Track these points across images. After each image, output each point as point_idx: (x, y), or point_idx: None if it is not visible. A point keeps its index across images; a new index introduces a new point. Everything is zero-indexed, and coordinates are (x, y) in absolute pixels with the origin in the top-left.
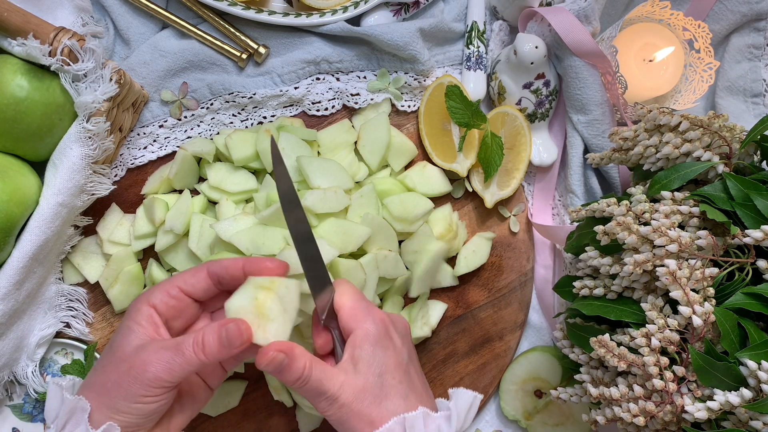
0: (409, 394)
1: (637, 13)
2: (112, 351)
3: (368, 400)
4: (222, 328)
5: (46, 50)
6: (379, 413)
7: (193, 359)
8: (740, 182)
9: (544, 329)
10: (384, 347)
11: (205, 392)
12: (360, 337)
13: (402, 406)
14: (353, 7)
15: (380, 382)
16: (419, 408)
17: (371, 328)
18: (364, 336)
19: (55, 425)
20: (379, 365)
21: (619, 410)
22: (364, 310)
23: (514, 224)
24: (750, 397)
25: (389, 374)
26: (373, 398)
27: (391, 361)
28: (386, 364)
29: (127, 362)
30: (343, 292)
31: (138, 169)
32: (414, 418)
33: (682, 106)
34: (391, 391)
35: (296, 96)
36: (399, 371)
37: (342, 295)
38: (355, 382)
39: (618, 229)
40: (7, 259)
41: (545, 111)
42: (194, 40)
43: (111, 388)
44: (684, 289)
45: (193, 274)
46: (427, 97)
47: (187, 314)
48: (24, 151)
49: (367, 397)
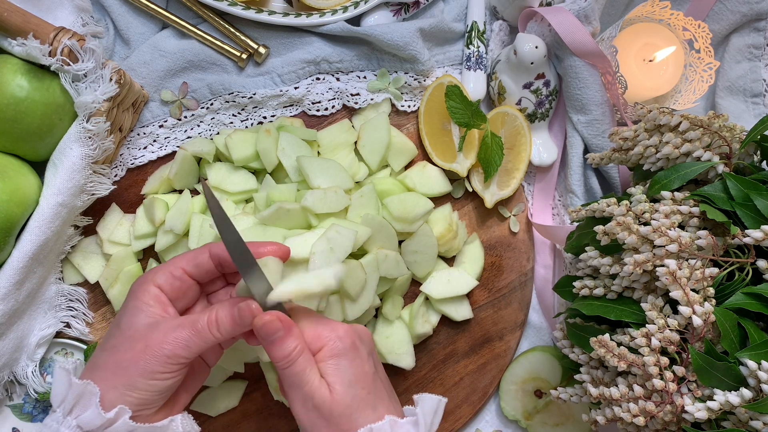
0: (377, 404)
1: (637, 13)
2: (122, 331)
3: (338, 410)
4: (234, 307)
5: (46, 50)
6: (349, 425)
7: (208, 336)
8: (740, 182)
9: (544, 329)
10: (351, 359)
11: (204, 370)
12: (327, 352)
13: (371, 416)
14: (353, 7)
15: (351, 394)
16: (386, 417)
17: (337, 343)
18: (330, 351)
19: (62, 409)
20: (348, 376)
21: (619, 410)
22: (326, 326)
23: (514, 224)
24: (750, 397)
25: (359, 384)
26: (343, 409)
27: (358, 372)
28: (355, 375)
29: (141, 341)
30: (302, 317)
31: (138, 169)
32: (381, 428)
33: (682, 106)
34: (361, 404)
35: (296, 96)
36: (367, 381)
37: (302, 318)
38: (328, 390)
39: (618, 229)
40: (7, 259)
41: (545, 111)
42: (194, 40)
43: (127, 366)
44: (684, 289)
45: (195, 256)
46: (427, 97)
47: (189, 295)
48: (24, 151)
49: (337, 408)
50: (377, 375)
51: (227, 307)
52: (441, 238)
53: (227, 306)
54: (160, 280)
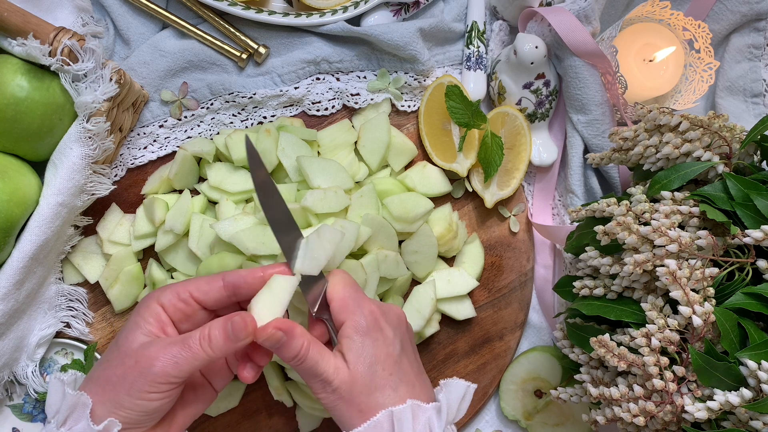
0: (399, 386)
1: (637, 13)
2: (118, 346)
3: (358, 389)
4: (227, 322)
5: (46, 50)
6: (368, 403)
7: (199, 353)
8: (740, 182)
9: (544, 329)
10: (374, 339)
11: (209, 394)
12: (349, 328)
13: (392, 397)
14: (353, 7)
15: (370, 373)
16: (408, 401)
17: (360, 319)
18: (353, 327)
19: (55, 420)
20: (369, 356)
21: (619, 410)
22: (354, 301)
23: (514, 224)
24: (750, 397)
25: (379, 365)
26: (362, 388)
27: (380, 353)
28: (376, 356)
29: (132, 357)
30: (335, 283)
31: (138, 169)
32: (402, 412)
33: (682, 106)
34: (381, 382)
35: (296, 96)
36: (389, 362)
37: (334, 285)
38: (346, 370)
39: (618, 229)
40: (7, 259)
41: (545, 111)
42: (194, 40)
43: (116, 382)
44: (684, 289)
45: (207, 282)
46: (427, 97)
47: (195, 319)
48: (24, 151)
49: (356, 387)
50: (404, 357)
51: (221, 323)
52: (441, 238)
53: (220, 322)
54: (164, 299)
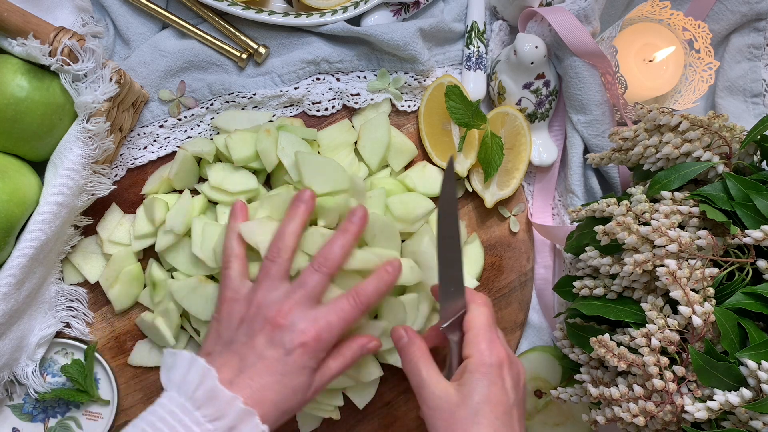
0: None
1: (637, 13)
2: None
3: (459, 417)
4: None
5: (46, 50)
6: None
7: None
8: (740, 182)
9: (544, 329)
10: (490, 382)
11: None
12: (473, 364)
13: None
14: (353, 7)
15: (476, 409)
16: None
17: (486, 359)
18: (477, 364)
19: (218, 425)
20: (481, 394)
21: (619, 410)
22: (487, 341)
23: (514, 224)
24: (750, 397)
25: (488, 406)
26: (462, 419)
27: (494, 396)
28: (488, 396)
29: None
30: (477, 314)
31: (138, 169)
32: None
33: (682, 106)
34: (484, 421)
35: (296, 96)
36: (499, 408)
37: (476, 317)
38: (455, 398)
39: (618, 229)
40: (7, 259)
41: (545, 111)
42: (194, 40)
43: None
44: (684, 289)
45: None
46: (427, 97)
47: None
48: (24, 151)
49: (459, 414)
50: (514, 410)
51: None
52: None
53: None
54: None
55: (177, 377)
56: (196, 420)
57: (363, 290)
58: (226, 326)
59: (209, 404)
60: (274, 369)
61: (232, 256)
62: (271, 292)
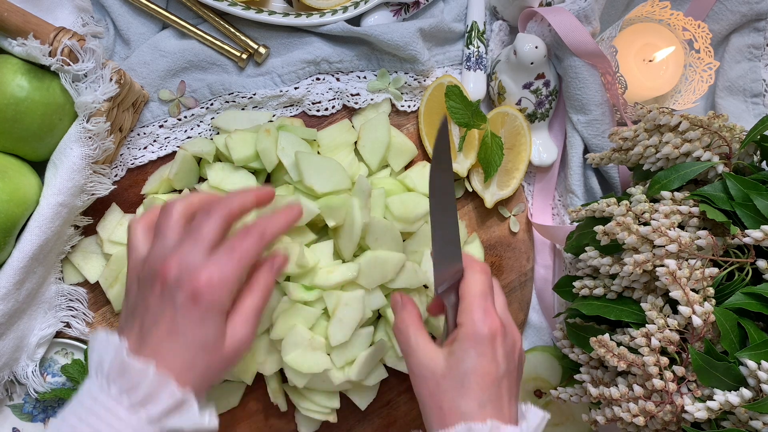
0: (486, 404)
1: (637, 13)
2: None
3: (444, 388)
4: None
5: (46, 50)
6: (450, 406)
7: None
8: (740, 182)
9: (544, 329)
10: (481, 353)
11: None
12: (463, 333)
13: (475, 411)
14: (353, 7)
15: (462, 379)
16: (488, 421)
17: (478, 330)
18: (467, 334)
19: (128, 397)
20: (469, 365)
21: (619, 410)
22: (482, 310)
23: (514, 224)
24: (750, 397)
25: (475, 376)
26: (449, 389)
27: (482, 367)
28: (476, 367)
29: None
30: (473, 282)
31: (138, 169)
32: (480, 429)
33: (682, 106)
34: (470, 393)
35: (296, 96)
36: (487, 379)
37: (471, 284)
38: (441, 365)
39: (618, 229)
40: (7, 259)
41: (545, 111)
42: (194, 40)
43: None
44: (684, 289)
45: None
46: (427, 97)
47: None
48: (24, 151)
49: (444, 385)
50: (504, 381)
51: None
52: None
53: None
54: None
55: (95, 358)
56: (113, 396)
57: (259, 224)
58: (129, 293)
59: (121, 378)
60: (172, 328)
61: (135, 223)
62: (162, 246)
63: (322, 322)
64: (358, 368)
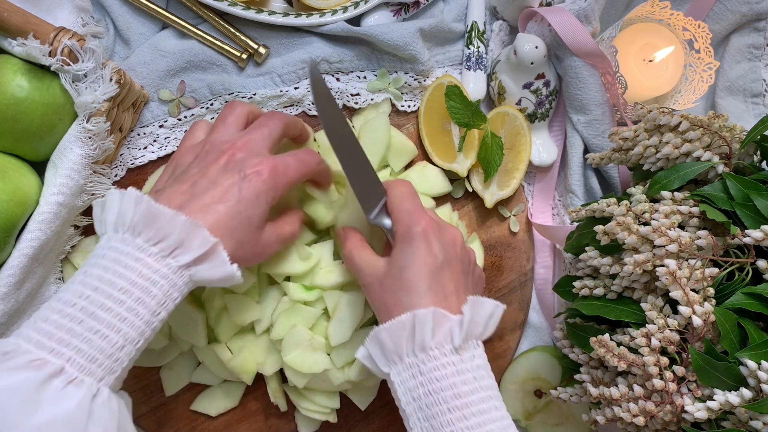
0: (427, 293)
1: (637, 13)
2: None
3: (386, 285)
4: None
5: (46, 50)
6: (393, 301)
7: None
8: (740, 182)
9: (544, 329)
10: (415, 247)
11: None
12: (398, 236)
13: (416, 301)
14: (353, 7)
15: (399, 275)
16: (431, 308)
17: (408, 229)
18: (400, 236)
19: (159, 246)
20: (405, 260)
21: (619, 410)
22: (409, 214)
23: (514, 224)
24: (750, 397)
25: (411, 270)
26: (390, 286)
27: (417, 260)
28: (410, 261)
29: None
30: (396, 194)
31: (138, 169)
32: (424, 315)
33: (682, 106)
34: (409, 285)
35: (296, 96)
36: (423, 270)
37: (395, 197)
38: (381, 269)
39: (618, 229)
40: (7, 259)
41: (545, 111)
42: (194, 40)
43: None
44: (684, 289)
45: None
46: (427, 97)
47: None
48: (24, 151)
49: (386, 283)
50: (444, 270)
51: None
52: None
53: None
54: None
55: (112, 215)
56: (138, 246)
57: (316, 156)
58: (180, 163)
59: (150, 227)
60: (228, 194)
61: (200, 122)
62: (227, 134)
63: (322, 322)
64: (358, 368)
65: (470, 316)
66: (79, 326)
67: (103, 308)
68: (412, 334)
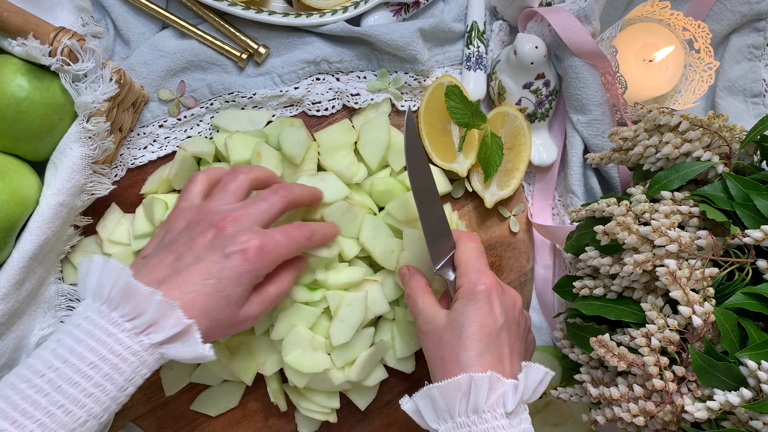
0: (484, 354)
1: (637, 13)
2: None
3: (445, 339)
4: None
5: (46, 50)
6: (450, 357)
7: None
8: (740, 182)
9: (544, 329)
10: (478, 307)
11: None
12: (461, 292)
13: (474, 361)
14: (353, 7)
15: (459, 332)
16: (488, 371)
17: (474, 286)
18: (464, 292)
19: (133, 323)
20: (465, 318)
21: (619, 410)
22: (476, 271)
23: (514, 224)
24: (750, 397)
25: (471, 329)
26: (448, 341)
27: (478, 319)
28: (471, 319)
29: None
30: (465, 249)
31: (138, 169)
32: (481, 379)
33: (682, 106)
34: (467, 344)
35: (296, 96)
36: (483, 331)
37: (464, 252)
38: (443, 321)
39: (618, 229)
40: (7, 259)
41: (545, 111)
42: (194, 40)
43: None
44: (684, 289)
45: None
46: (427, 97)
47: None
48: (24, 151)
49: (445, 336)
50: (503, 333)
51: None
52: None
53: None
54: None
55: (92, 283)
56: (113, 321)
57: (312, 224)
58: (171, 230)
59: (126, 302)
60: (209, 272)
61: (200, 175)
62: (223, 203)
63: (323, 322)
64: (358, 369)
65: (525, 383)
66: (45, 399)
67: (70, 383)
68: (467, 396)
